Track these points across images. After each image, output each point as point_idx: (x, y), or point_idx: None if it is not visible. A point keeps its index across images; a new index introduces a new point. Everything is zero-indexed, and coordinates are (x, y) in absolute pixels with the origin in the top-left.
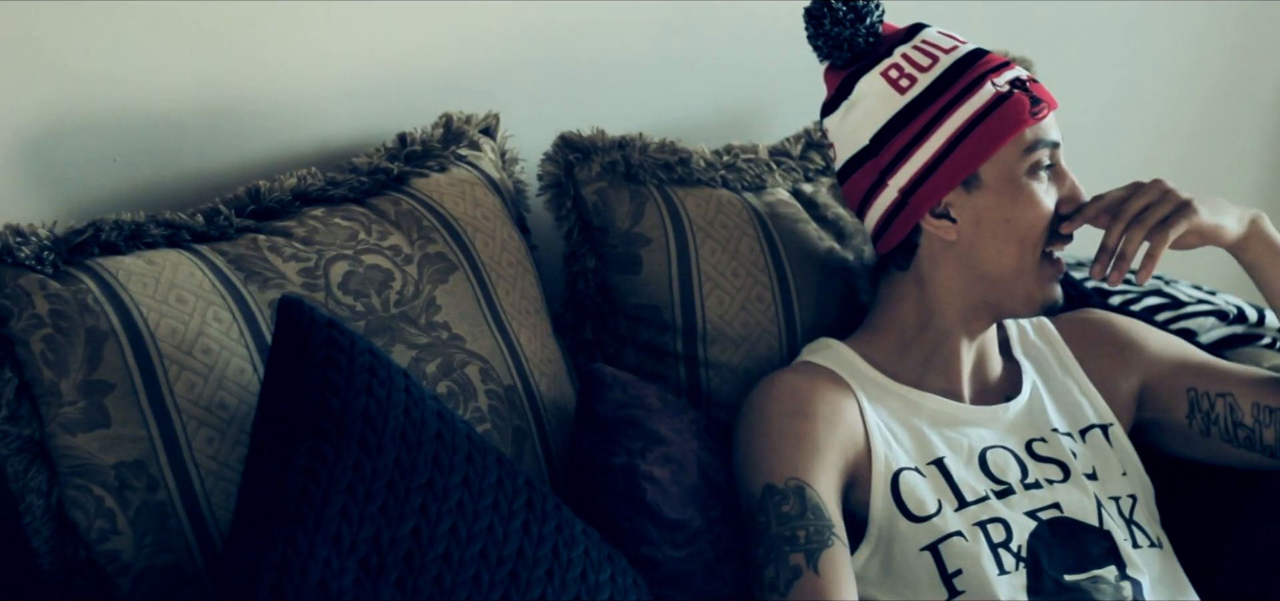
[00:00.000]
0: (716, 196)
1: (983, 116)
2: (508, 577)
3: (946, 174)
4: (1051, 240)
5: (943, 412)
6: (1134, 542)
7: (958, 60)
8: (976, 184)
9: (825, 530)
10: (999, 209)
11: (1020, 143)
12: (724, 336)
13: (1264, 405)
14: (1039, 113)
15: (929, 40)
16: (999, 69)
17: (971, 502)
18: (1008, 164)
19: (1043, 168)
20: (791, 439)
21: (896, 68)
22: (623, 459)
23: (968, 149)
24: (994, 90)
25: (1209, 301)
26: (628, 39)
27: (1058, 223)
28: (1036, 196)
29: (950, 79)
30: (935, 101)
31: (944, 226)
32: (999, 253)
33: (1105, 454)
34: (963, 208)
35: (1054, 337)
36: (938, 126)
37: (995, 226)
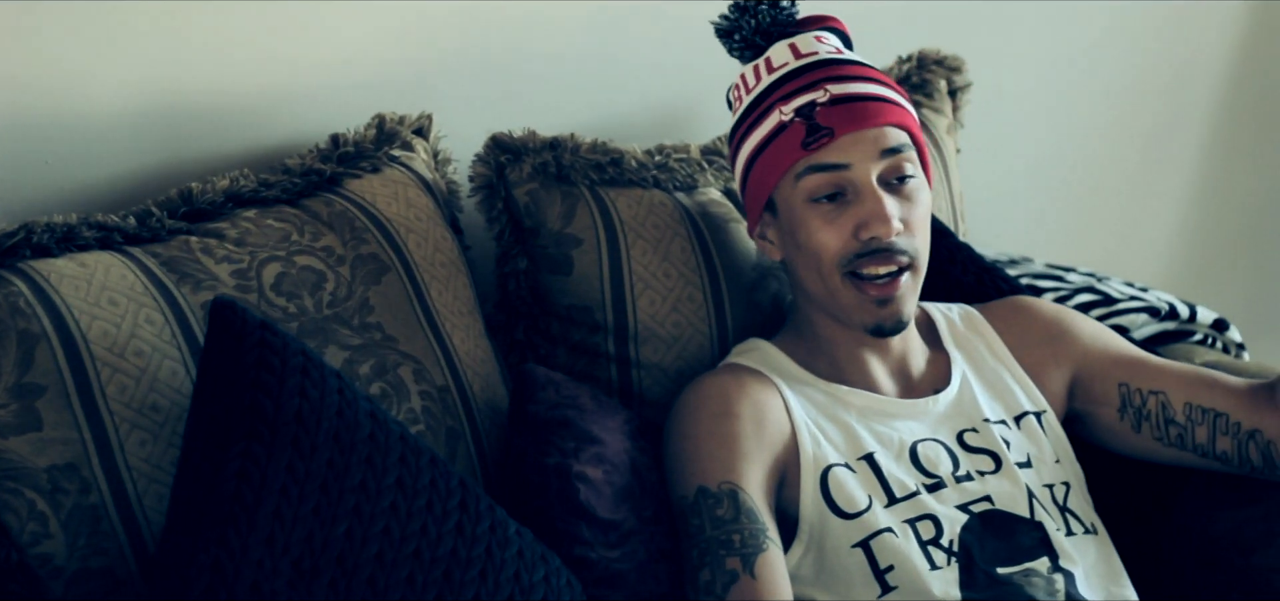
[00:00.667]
0: (648, 197)
1: (763, 148)
2: (441, 578)
3: (751, 199)
4: (853, 265)
5: (871, 407)
6: (1067, 531)
7: (769, 85)
8: (775, 209)
9: (760, 533)
10: (792, 235)
11: (794, 172)
12: (655, 337)
13: (1196, 404)
14: (815, 142)
15: (770, 57)
16: (794, 94)
17: (902, 498)
18: (789, 192)
19: (824, 197)
20: (722, 441)
21: (736, 87)
22: (556, 459)
23: (756, 179)
24: (777, 119)
25: (1141, 298)
26: (560, 39)
27: (862, 250)
28: (818, 224)
29: (755, 105)
30: (743, 125)
31: (767, 246)
32: (805, 275)
33: (1039, 440)
34: (773, 230)
35: (984, 327)
36: (739, 153)
37: (795, 250)
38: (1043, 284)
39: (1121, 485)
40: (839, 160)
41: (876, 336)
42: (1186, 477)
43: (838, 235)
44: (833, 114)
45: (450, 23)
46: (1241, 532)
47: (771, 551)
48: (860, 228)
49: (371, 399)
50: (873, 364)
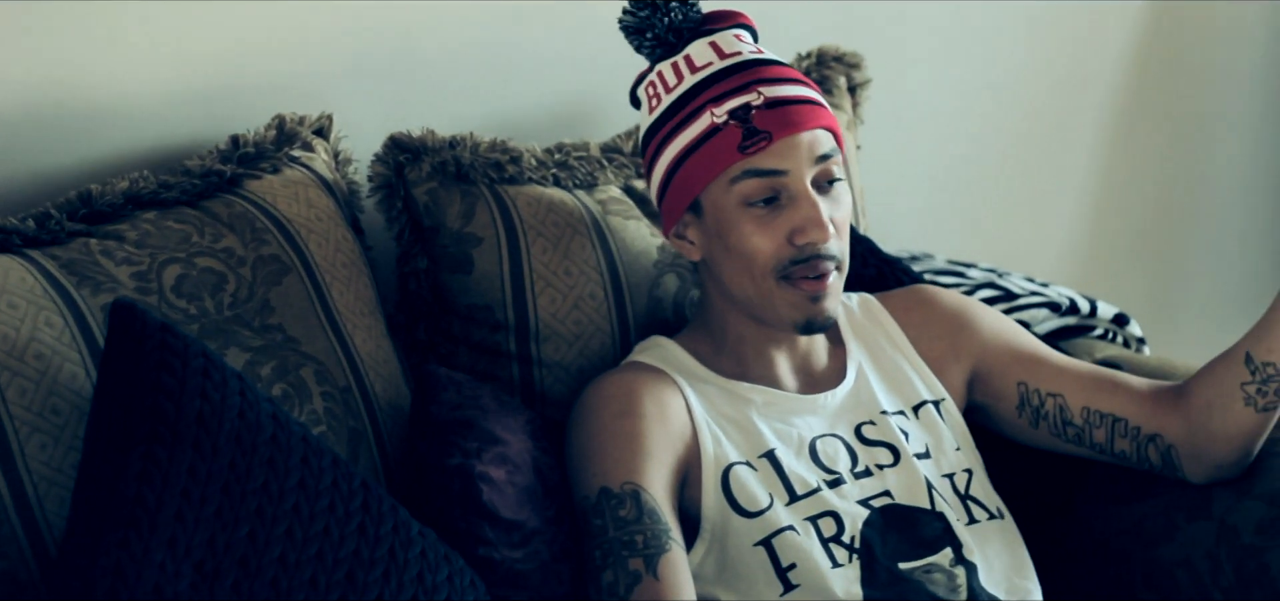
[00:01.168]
0: (548, 195)
1: (694, 149)
2: (344, 579)
3: (673, 199)
4: (787, 270)
5: (771, 404)
6: (970, 519)
7: (695, 84)
8: (701, 210)
9: (663, 534)
10: (720, 238)
11: (728, 175)
12: (557, 335)
13: (1094, 409)
14: (752, 146)
15: (690, 54)
16: (726, 96)
17: (803, 496)
18: (720, 195)
19: (761, 201)
20: (623, 441)
21: (652, 83)
22: (458, 459)
23: (682, 179)
24: (710, 121)
25: (1042, 294)
26: (459, 38)
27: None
28: (752, 228)
29: (680, 105)
30: (666, 125)
31: (684, 246)
32: (732, 276)
33: (938, 429)
34: (695, 230)
35: (883, 316)
36: (661, 153)
37: (722, 252)
38: (944, 280)
39: (1023, 475)
40: (776, 166)
41: (804, 334)
42: (1088, 470)
43: (772, 240)
44: (768, 117)
45: (350, 23)
46: (1142, 525)
47: (674, 551)
48: (795, 233)
49: (273, 400)
50: (779, 359)
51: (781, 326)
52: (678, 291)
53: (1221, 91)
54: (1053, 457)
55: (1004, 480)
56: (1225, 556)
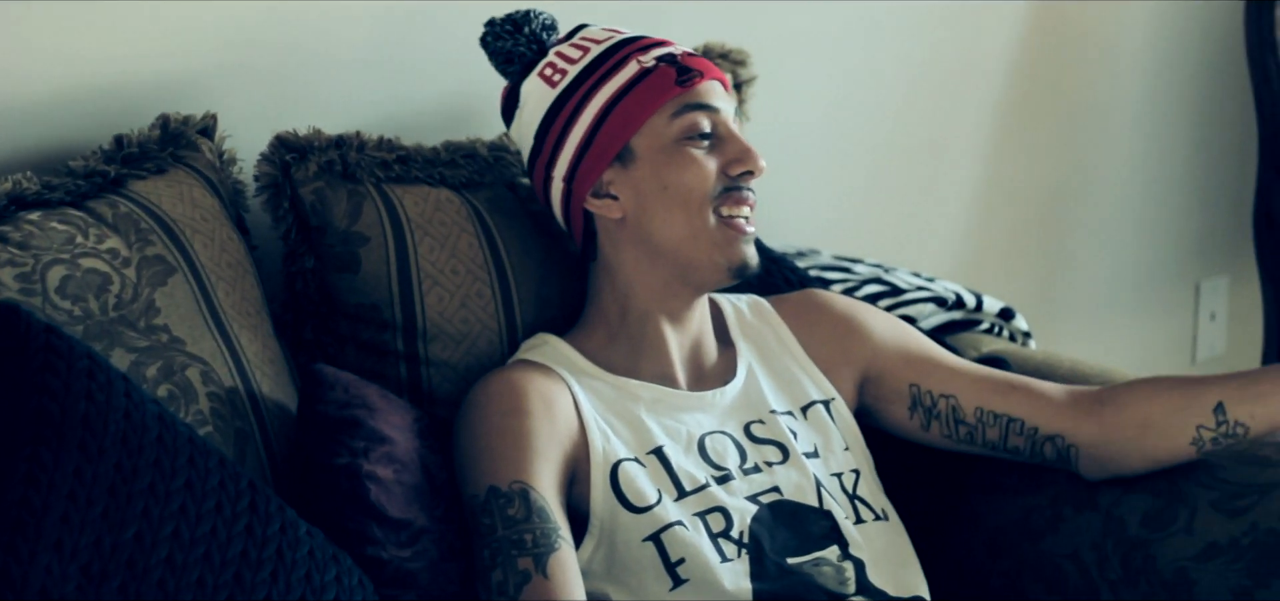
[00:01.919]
0: (435, 194)
1: (627, 91)
2: (232, 580)
3: (598, 152)
4: (722, 201)
5: (660, 400)
6: (857, 518)
7: (609, 46)
8: (631, 158)
9: (551, 533)
10: (655, 178)
11: (667, 111)
12: (444, 334)
13: (986, 409)
14: (688, 81)
15: (585, 35)
16: (647, 48)
17: (691, 491)
18: (658, 132)
19: (699, 134)
20: (511, 439)
21: (551, 65)
22: (346, 459)
23: (614, 124)
24: (639, 66)
25: (928, 289)
26: (346, 37)
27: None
28: (693, 159)
29: (597, 65)
30: (582, 86)
31: (607, 205)
32: (666, 221)
33: (827, 429)
34: (622, 184)
35: (772, 317)
36: (584, 108)
37: (655, 195)
38: (831, 275)
39: (913, 472)
40: (711, 102)
41: (737, 277)
42: (975, 465)
43: (710, 174)
44: (693, 61)
45: (235, 22)
46: (1029, 518)
47: (563, 550)
48: (731, 164)
49: (159, 402)
50: (673, 348)
51: (711, 270)
52: (564, 290)
53: (1102, 89)
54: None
55: (896, 474)
56: (1112, 548)
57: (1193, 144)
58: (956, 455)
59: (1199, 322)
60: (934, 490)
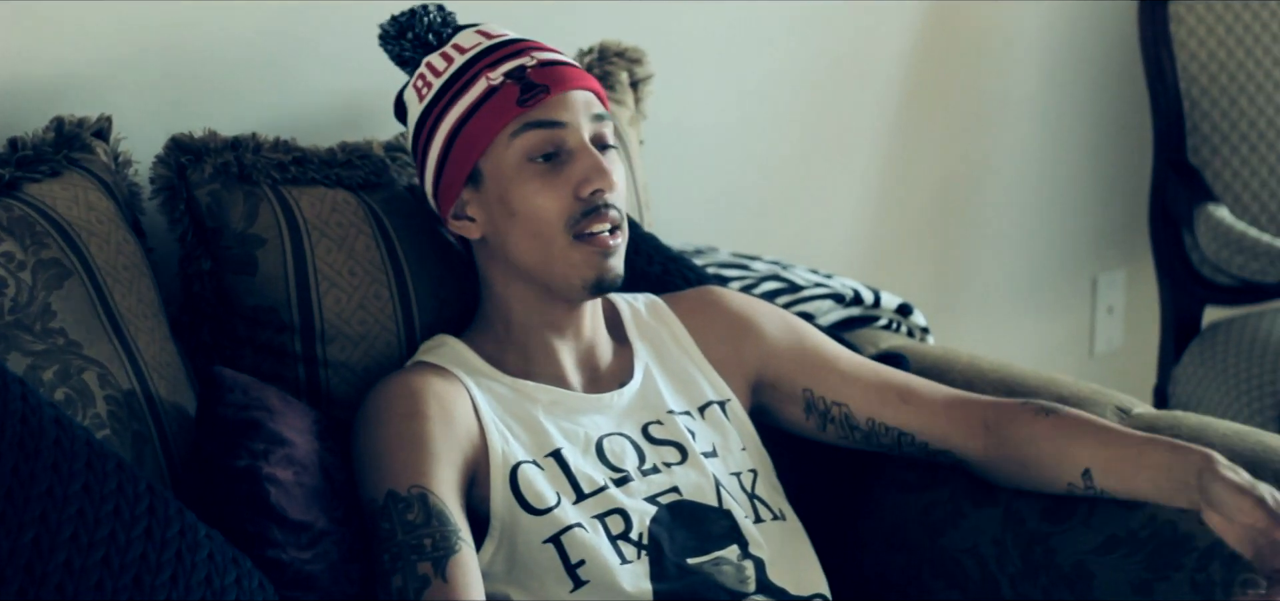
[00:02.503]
0: (331, 195)
1: (472, 113)
2: (131, 583)
3: (451, 175)
4: (578, 224)
5: (557, 403)
6: (756, 518)
7: (468, 60)
8: (480, 180)
9: (451, 536)
10: (503, 204)
11: (509, 131)
12: (342, 335)
13: (878, 421)
14: (530, 99)
15: (457, 42)
16: (499, 62)
17: (590, 494)
18: (501, 156)
19: (541, 155)
20: (410, 443)
21: (421, 75)
22: (245, 461)
23: (461, 147)
24: (486, 85)
25: (826, 285)
26: (241, 37)
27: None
28: (536, 186)
29: (455, 79)
30: (439, 103)
31: (466, 226)
32: (519, 244)
33: (724, 429)
34: (476, 206)
35: (669, 317)
36: (438, 129)
37: (506, 219)
38: (729, 273)
39: (812, 469)
40: (556, 117)
41: (594, 293)
42: (875, 462)
43: (558, 197)
44: (543, 74)
45: (129, 23)
46: (929, 514)
47: (463, 552)
48: (581, 185)
49: (56, 405)
50: (562, 354)
51: (570, 290)
52: (462, 291)
53: (999, 85)
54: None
55: (796, 471)
56: (1012, 542)
57: (1089, 139)
58: (856, 452)
59: (1096, 316)
60: (834, 486)
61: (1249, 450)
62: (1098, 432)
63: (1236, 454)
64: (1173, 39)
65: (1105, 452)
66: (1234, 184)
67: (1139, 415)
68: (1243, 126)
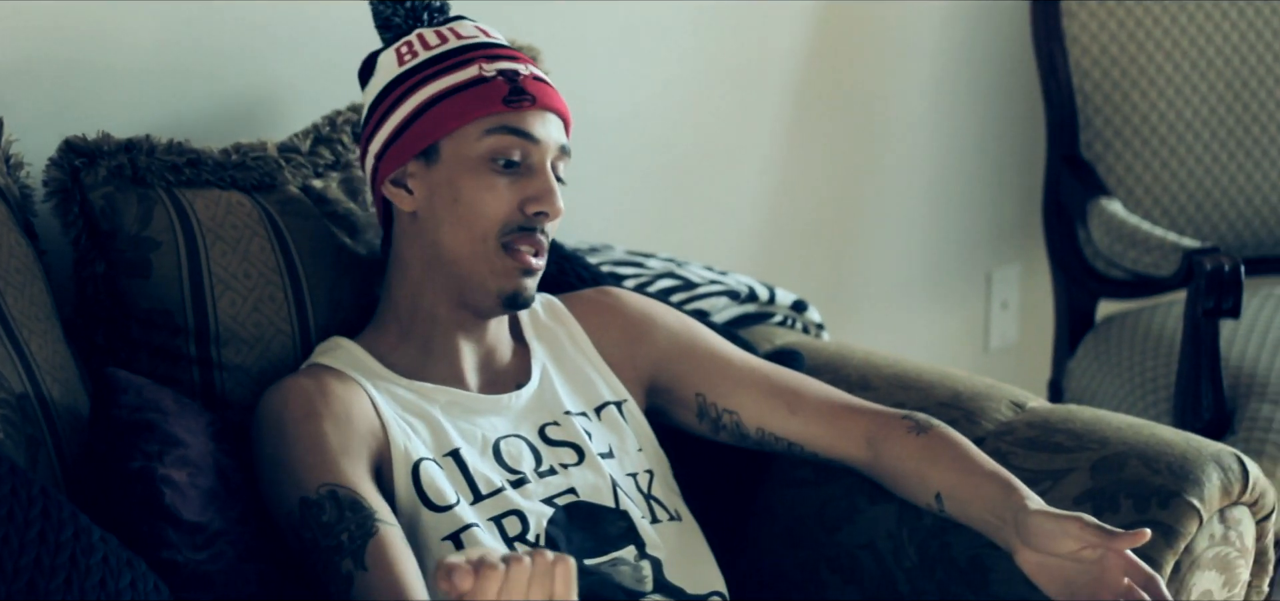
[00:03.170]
0: (226, 197)
1: (454, 92)
2: (25, 588)
3: (408, 140)
4: (510, 234)
5: (454, 403)
6: (652, 518)
7: (465, 45)
8: (436, 157)
9: (366, 520)
10: (450, 188)
11: (483, 124)
12: (237, 338)
13: (768, 431)
14: (518, 104)
15: (453, 27)
16: (496, 58)
17: (487, 495)
18: (467, 142)
19: (505, 161)
20: (312, 446)
21: (409, 43)
22: (139, 463)
23: (431, 119)
24: (477, 71)
25: (721, 282)
26: (135, 39)
27: (524, 224)
28: (491, 183)
29: (444, 58)
30: (421, 73)
31: (400, 194)
32: (451, 233)
33: (621, 430)
34: (421, 179)
35: (566, 317)
36: (413, 94)
37: (447, 204)
38: (623, 271)
39: (708, 468)
40: (532, 131)
41: (507, 308)
42: (771, 459)
43: (504, 204)
44: (533, 86)
45: (20, 24)
46: (825, 510)
47: (381, 531)
48: (529, 202)
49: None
50: (464, 354)
51: (484, 296)
52: (358, 292)
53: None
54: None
55: (692, 468)
56: (907, 537)
57: (983, 136)
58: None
59: (991, 311)
60: (730, 485)
61: (1143, 443)
62: (955, 458)
63: (1131, 446)
64: (1065, 34)
65: (954, 479)
66: (1127, 178)
67: (1033, 409)
68: (1135, 121)
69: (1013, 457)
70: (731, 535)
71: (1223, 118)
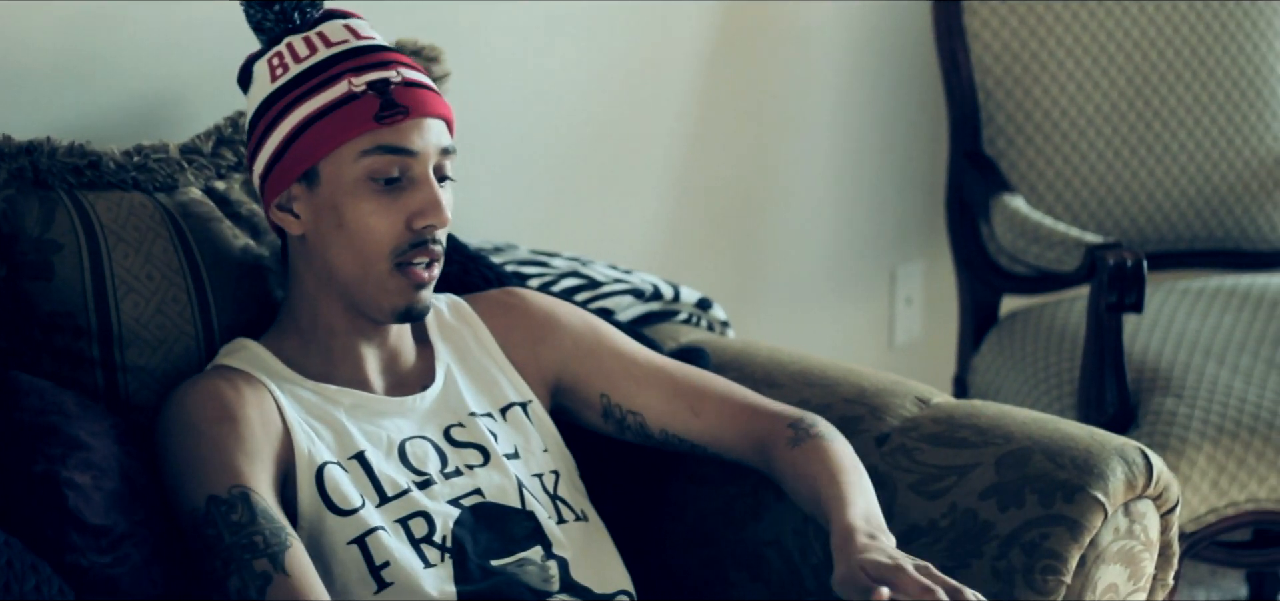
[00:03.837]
0: (128, 199)
1: (326, 113)
2: None
3: (287, 166)
4: (403, 254)
5: (359, 406)
6: (558, 519)
7: (333, 55)
8: (316, 180)
9: (280, 531)
10: (333, 212)
11: (359, 145)
12: (141, 340)
13: (671, 433)
14: (391, 118)
15: (323, 31)
16: (365, 69)
17: (393, 497)
18: (345, 164)
19: (384, 179)
20: (221, 446)
21: (279, 54)
22: (43, 466)
23: (306, 143)
24: (347, 88)
25: (625, 280)
26: (35, 40)
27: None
28: (372, 207)
29: (315, 71)
30: (294, 91)
31: (287, 219)
32: (340, 255)
33: (526, 431)
34: (305, 203)
35: (471, 318)
36: (286, 116)
37: (333, 228)
38: (528, 270)
39: (614, 467)
40: (408, 145)
41: (401, 322)
42: (677, 457)
43: (390, 223)
44: (406, 95)
45: None
46: (731, 508)
47: (295, 546)
48: (415, 217)
49: None
50: (367, 358)
51: (378, 313)
52: (261, 293)
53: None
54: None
55: (599, 467)
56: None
57: (886, 133)
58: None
59: (896, 307)
60: (636, 484)
61: (1047, 437)
62: (822, 475)
63: (1035, 441)
64: (966, 31)
65: (815, 498)
66: (1029, 174)
67: (938, 405)
68: (1037, 117)
69: (918, 453)
70: (638, 534)
71: (1124, 113)
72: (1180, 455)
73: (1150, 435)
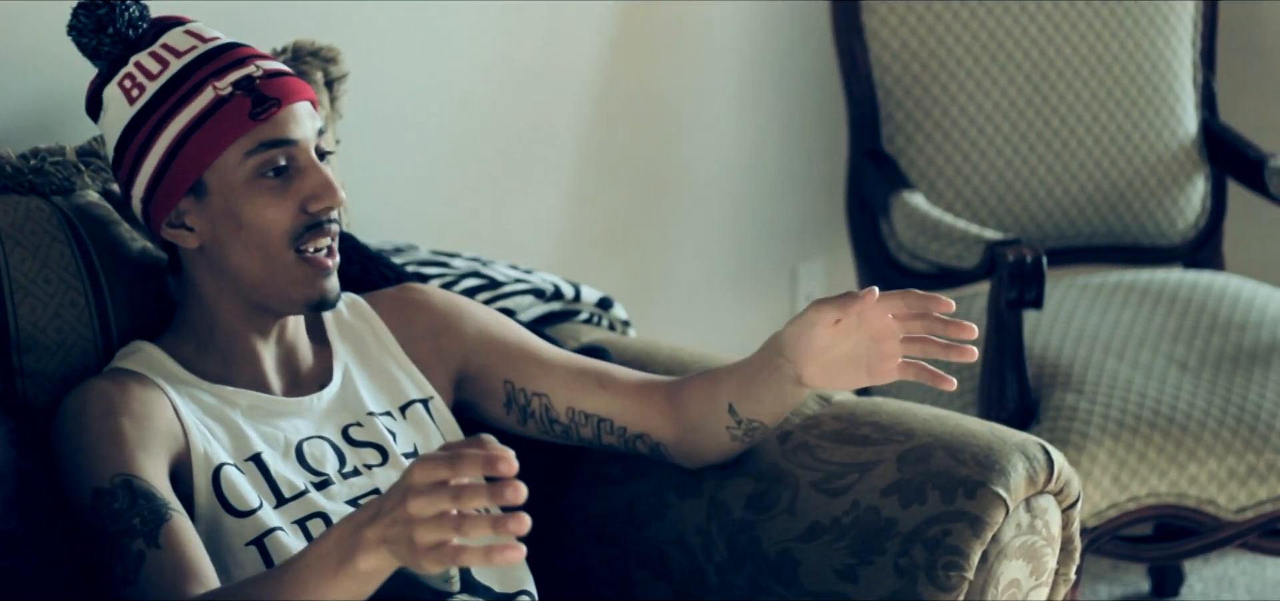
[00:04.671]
0: (25, 202)
1: (199, 124)
2: None
3: (171, 185)
4: (302, 239)
5: (256, 407)
6: None
7: (187, 64)
8: (205, 191)
9: (160, 508)
10: (229, 215)
11: (241, 147)
12: (39, 345)
13: (578, 409)
14: (263, 114)
15: (168, 43)
16: (225, 70)
17: (290, 498)
18: (231, 168)
19: (273, 171)
20: (109, 439)
21: (130, 76)
22: None
23: (186, 158)
24: (213, 95)
25: (526, 281)
26: None
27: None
28: (265, 200)
29: (174, 85)
30: (157, 110)
31: (183, 235)
32: (242, 256)
33: (427, 428)
34: (197, 215)
35: (370, 316)
36: (158, 136)
37: (231, 232)
38: (428, 271)
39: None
40: (287, 135)
41: (316, 311)
42: (580, 456)
43: (285, 211)
44: (272, 86)
45: None
46: (634, 507)
47: (174, 519)
48: (309, 201)
49: None
50: (264, 358)
51: (289, 306)
52: (159, 296)
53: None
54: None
55: None
56: (717, 532)
57: (786, 132)
58: (561, 447)
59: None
60: (538, 482)
61: (949, 433)
62: (731, 368)
63: (937, 437)
64: (865, 29)
65: (734, 380)
66: (929, 171)
67: (840, 402)
68: (936, 115)
69: (820, 450)
70: (540, 533)
71: (1023, 110)
72: (1081, 450)
73: (1051, 430)
